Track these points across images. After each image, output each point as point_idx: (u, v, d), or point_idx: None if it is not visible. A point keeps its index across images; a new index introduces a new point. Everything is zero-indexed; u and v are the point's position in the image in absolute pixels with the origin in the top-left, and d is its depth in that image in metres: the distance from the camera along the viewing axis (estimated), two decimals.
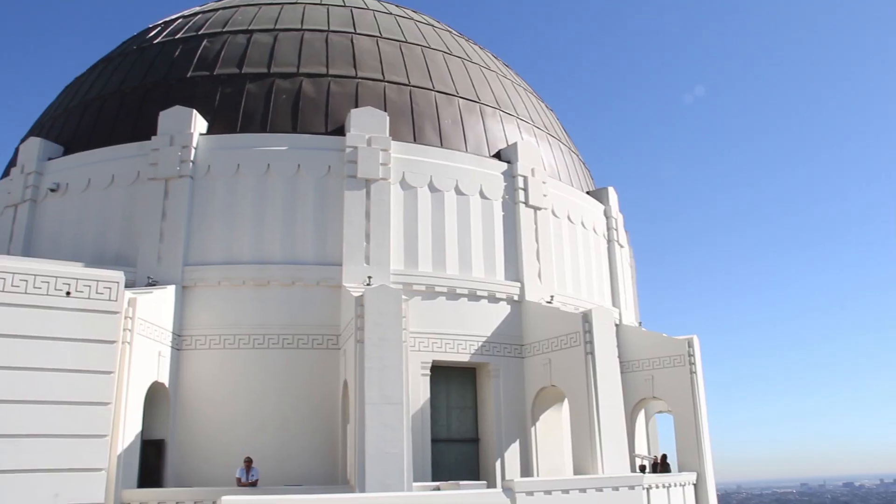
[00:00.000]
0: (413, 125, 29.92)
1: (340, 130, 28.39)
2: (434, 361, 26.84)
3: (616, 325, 30.24)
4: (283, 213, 27.04)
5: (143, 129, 28.51)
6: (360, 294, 23.04)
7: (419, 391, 25.99)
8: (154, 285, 25.45)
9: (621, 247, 35.99)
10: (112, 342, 19.51)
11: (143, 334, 22.74)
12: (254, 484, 22.95)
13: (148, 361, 23.32)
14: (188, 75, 30.72)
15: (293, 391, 25.71)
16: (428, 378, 26.57)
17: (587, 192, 35.36)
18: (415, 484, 22.47)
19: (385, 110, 28.83)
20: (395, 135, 28.53)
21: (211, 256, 26.68)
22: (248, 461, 23.38)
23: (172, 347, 25.18)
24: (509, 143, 31.45)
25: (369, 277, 25.92)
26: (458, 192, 28.99)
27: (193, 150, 27.47)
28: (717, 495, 30.00)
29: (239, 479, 23.04)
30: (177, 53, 32.07)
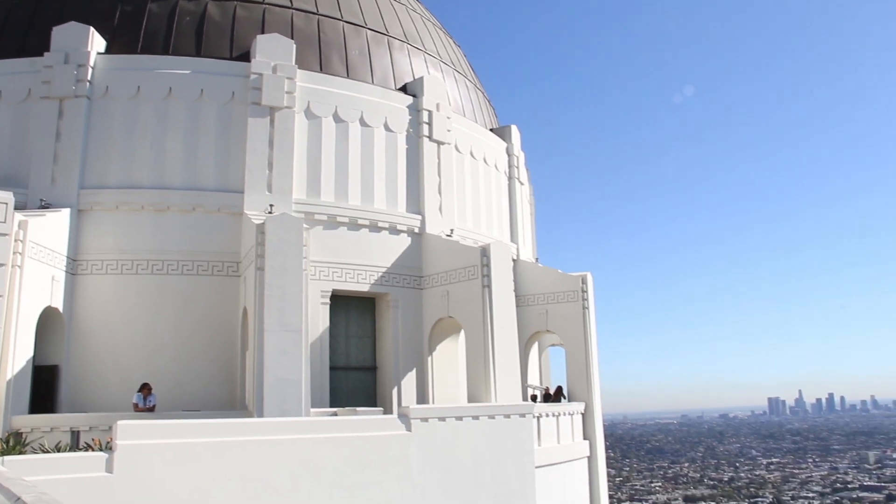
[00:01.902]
0: (320, 54, 29.58)
1: (245, 56, 27.78)
2: (334, 290, 27.15)
3: (513, 260, 31.08)
4: (184, 138, 26.51)
5: (35, 45, 27.23)
6: (262, 222, 23.04)
7: (318, 319, 26.32)
8: (47, 208, 24.69)
9: (521, 184, 36.67)
10: (0, 265, 19.14)
11: (35, 258, 22.14)
12: (151, 409, 22.99)
13: (40, 286, 22.79)
14: None
15: (192, 318, 25.63)
16: (328, 307, 26.90)
17: (490, 130, 35.78)
18: (312, 410, 22.84)
19: (292, 38, 28.34)
20: (302, 63, 28.18)
21: (109, 180, 26.01)
22: (146, 387, 23.33)
23: (67, 272, 24.64)
24: (416, 77, 31.47)
25: (271, 206, 25.87)
26: (363, 123, 28.99)
27: (90, 70, 26.44)
28: (604, 425, 31.42)
29: (136, 405, 23.03)
30: None
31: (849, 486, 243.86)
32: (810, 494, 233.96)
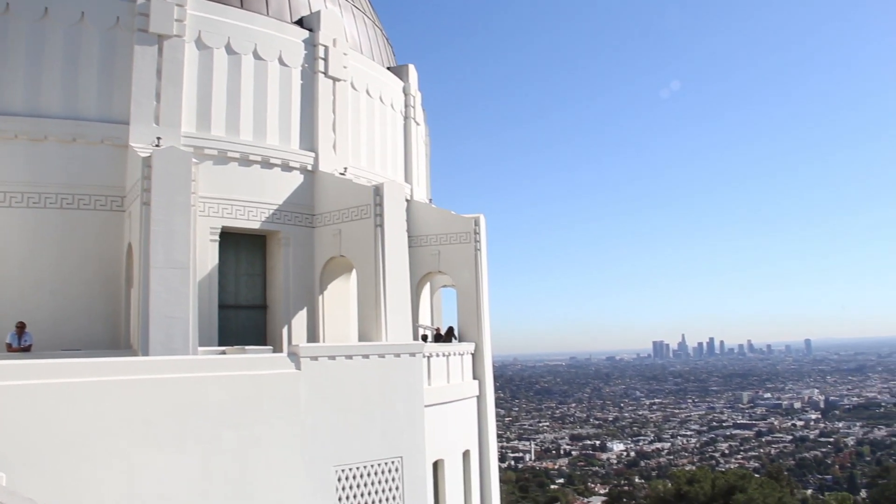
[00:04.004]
0: None
1: None
2: (224, 227, 26.56)
3: (407, 201, 30.98)
4: (63, 63, 25.09)
5: None
6: (148, 155, 22.27)
7: (207, 257, 25.77)
8: None
9: (417, 125, 36.45)
10: None
11: None
12: (27, 349, 22.20)
13: None
14: None
15: (73, 254, 24.70)
16: (217, 244, 26.33)
17: (388, 68, 35.30)
18: (200, 348, 22.57)
19: None
20: None
21: None
22: (20, 326, 22.52)
23: None
24: (312, 11, 30.60)
25: (158, 138, 24.96)
26: (257, 56, 28.13)
27: None
28: (495, 366, 32.01)
29: (9, 345, 22.21)
30: None
31: (724, 424, 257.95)
32: (688, 432, 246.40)
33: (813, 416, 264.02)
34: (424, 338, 31.32)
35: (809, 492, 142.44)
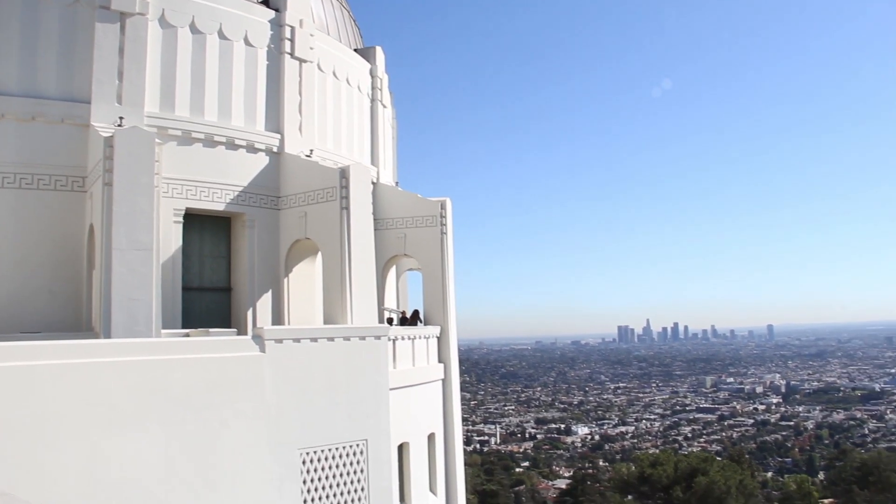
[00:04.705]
0: None
1: None
2: (188, 209, 26.26)
3: (373, 184, 30.87)
4: (21, 39, 24.45)
5: None
6: (110, 135, 21.89)
7: (171, 238, 25.48)
8: None
9: (384, 107, 36.26)
10: None
11: None
12: None
13: None
14: None
15: (31, 235, 24.22)
16: (181, 225, 26.02)
17: (355, 50, 35.03)
18: (163, 331, 22.33)
19: None
20: None
21: None
22: None
23: None
24: None
25: (121, 118, 24.55)
26: (222, 36, 27.74)
27: None
28: (461, 349, 32.08)
29: None
30: None
31: (687, 408, 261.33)
32: (652, 416, 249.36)
33: (774, 401, 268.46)
34: (390, 321, 31.30)
35: (769, 474, 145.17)
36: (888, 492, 66.07)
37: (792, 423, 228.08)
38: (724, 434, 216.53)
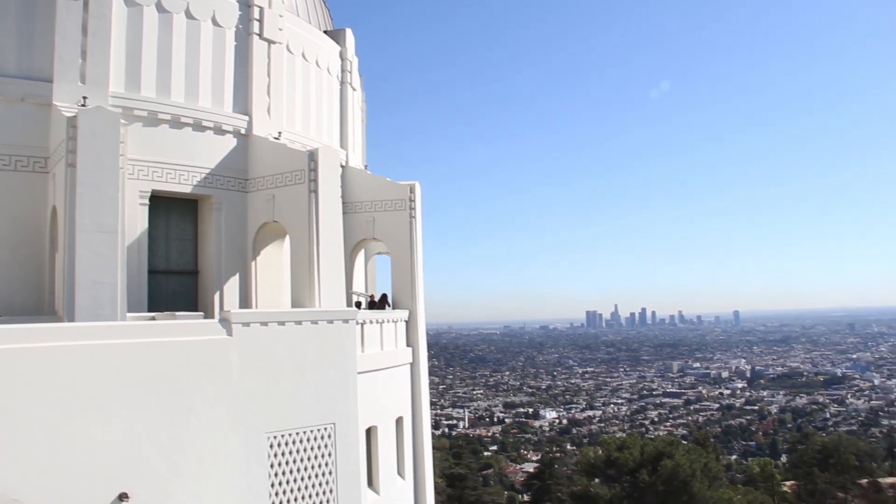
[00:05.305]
0: None
1: None
2: (154, 191, 25.89)
3: (342, 167, 30.72)
4: None
5: None
6: (74, 115, 21.52)
7: (136, 221, 25.13)
8: None
9: (354, 90, 36.02)
10: None
11: None
12: None
13: None
14: None
15: None
16: (147, 208, 25.67)
17: (325, 32, 34.69)
18: (129, 314, 22.10)
19: None
20: None
21: None
22: None
23: None
24: None
25: (84, 98, 24.08)
26: (189, 15, 27.32)
27: None
28: (430, 334, 32.09)
29: None
30: None
31: (654, 392, 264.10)
32: (619, 401, 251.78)
33: (739, 385, 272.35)
34: (358, 305, 31.20)
35: (734, 457, 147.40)
36: (847, 473, 67.43)
37: (756, 407, 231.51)
38: (689, 418, 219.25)
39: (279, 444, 19.77)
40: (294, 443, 20.10)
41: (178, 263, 28.02)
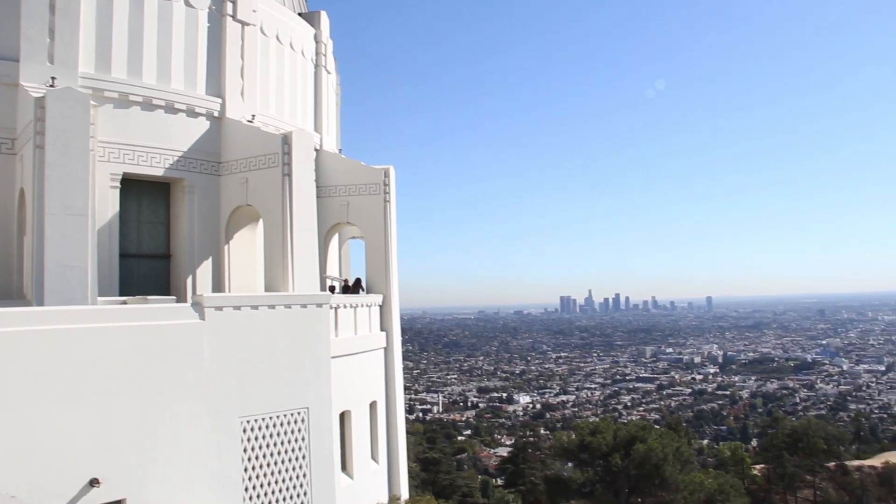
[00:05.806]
0: None
1: None
2: (125, 174, 25.60)
3: (316, 150, 30.48)
4: None
5: None
6: (42, 96, 21.17)
7: (107, 204, 24.86)
8: None
9: (328, 73, 35.73)
10: None
11: None
12: None
13: None
14: None
15: None
16: (118, 190, 25.39)
17: (299, 14, 34.37)
18: (100, 298, 21.89)
19: None
20: None
21: None
22: None
23: None
24: None
25: (53, 78, 23.65)
26: None
27: None
28: (404, 319, 32.02)
29: None
30: None
31: (627, 377, 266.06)
32: (593, 385, 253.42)
33: (711, 371, 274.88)
34: (332, 289, 31.10)
35: (706, 441, 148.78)
36: (815, 457, 68.27)
37: (728, 392, 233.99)
38: (662, 403, 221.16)
39: (252, 429, 19.69)
40: (267, 427, 20.03)
41: (150, 247, 27.74)
